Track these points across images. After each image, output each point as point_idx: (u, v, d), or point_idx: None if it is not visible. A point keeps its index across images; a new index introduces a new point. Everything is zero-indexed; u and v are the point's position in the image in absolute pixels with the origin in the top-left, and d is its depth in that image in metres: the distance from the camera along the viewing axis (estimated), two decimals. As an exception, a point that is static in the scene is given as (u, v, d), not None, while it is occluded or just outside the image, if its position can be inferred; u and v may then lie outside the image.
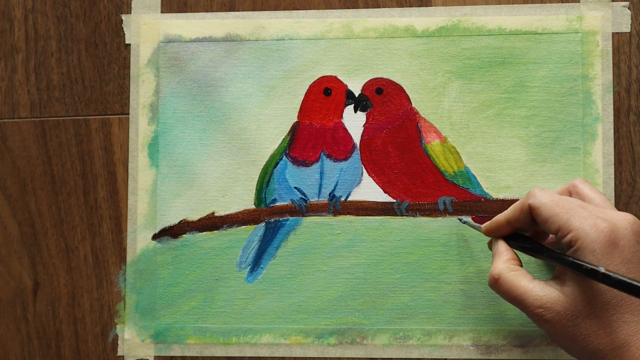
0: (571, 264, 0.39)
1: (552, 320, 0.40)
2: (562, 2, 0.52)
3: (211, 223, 0.53)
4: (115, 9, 0.55)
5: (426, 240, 0.51)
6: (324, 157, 0.52)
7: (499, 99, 0.52)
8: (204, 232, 0.53)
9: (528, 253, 0.44)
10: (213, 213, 0.53)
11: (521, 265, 0.44)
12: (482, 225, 0.47)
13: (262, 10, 0.54)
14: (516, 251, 0.45)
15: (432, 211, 0.51)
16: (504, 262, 0.43)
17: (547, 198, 0.42)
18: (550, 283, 0.41)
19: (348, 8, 0.53)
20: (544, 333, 0.50)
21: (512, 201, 0.51)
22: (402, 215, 0.52)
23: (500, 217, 0.45)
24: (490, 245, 0.47)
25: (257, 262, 0.52)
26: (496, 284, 0.43)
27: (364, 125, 0.53)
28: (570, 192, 0.45)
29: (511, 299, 0.42)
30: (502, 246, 0.45)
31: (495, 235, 0.46)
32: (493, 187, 0.51)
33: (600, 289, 0.39)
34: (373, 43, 0.53)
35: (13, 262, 0.54)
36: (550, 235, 0.47)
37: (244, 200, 0.53)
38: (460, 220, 0.51)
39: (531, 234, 0.46)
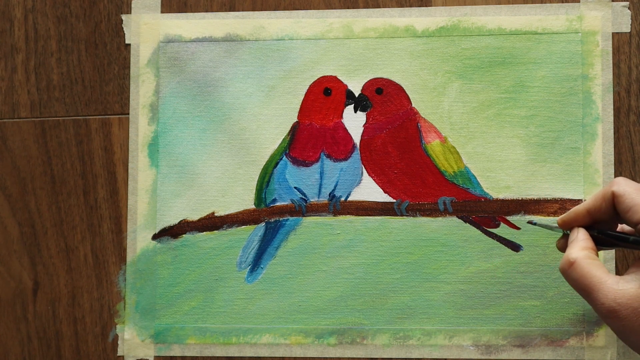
0: None
1: (627, 317, 0.38)
2: (562, 2, 0.52)
3: (211, 223, 0.53)
4: (115, 9, 0.55)
5: (426, 240, 0.51)
6: (324, 157, 0.52)
7: (499, 99, 0.52)
8: (204, 232, 0.53)
9: (611, 241, 0.42)
10: (213, 213, 0.53)
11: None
12: (559, 217, 0.45)
13: (262, 10, 0.54)
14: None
15: (432, 211, 0.51)
16: (582, 248, 0.41)
17: (632, 187, 0.40)
18: (627, 278, 0.39)
19: (348, 8, 0.53)
20: (544, 333, 0.50)
21: (512, 201, 0.51)
22: (402, 215, 0.52)
23: (580, 206, 0.43)
24: (559, 244, 0.45)
25: (257, 262, 0.52)
26: (569, 269, 0.41)
27: (364, 125, 0.53)
28: None
29: (582, 287, 0.40)
30: (582, 234, 0.43)
31: (572, 226, 0.44)
32: (493, 187, 0.51)
33: None
34: (373, 43, 0.53)
35: (13, 262, 0.54)
36: (622, 227, 0.45)
37: (244, 200, 0.53)
38: (532, 222, 0.47)
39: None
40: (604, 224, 0.44)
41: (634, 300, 0.38)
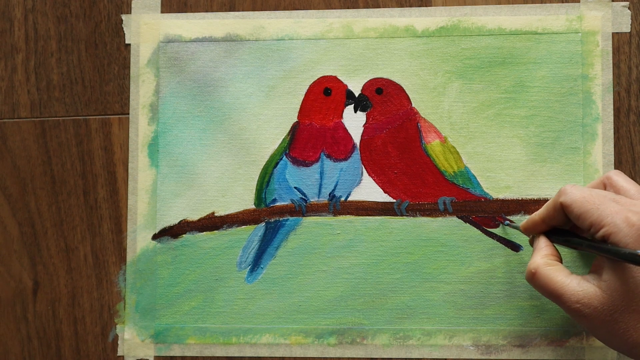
0: (610, 251, 0.39)
1: (590, 315, 0.40)
2: (562, 2, 0.52)
3: (211, 223, 0.53)
4: (115, 9, 0.55)
5: (426, 240, 0.51)
6: (324, 157, 0.52)
7: (499, 99, 0.52)
8: (204, 232, 0.53)
9: (568, 246, 0.44)
10: (213, 213, 0.53)
11: (561, 261, 0.44)
12: (520, 224, 0.47)
13: (262, 10, 0.54)
14: (558, 247, 0.45)
15: (432, 211, 0.51)
16: (542, 256, 0.43)
17: (578, 195, 0.41)
18: (587, 278, 0.41)
19: (348, 8, 0.53)
20: (544, 333, 0.50)
21: (512, 201, 0.51)
22: (402, 215, 0.52)
23: (535, 216, 0.45)
24: (531, 242, 0.46)
25: (257, 262, 0.52)
26: (533, 278, 0.43)
27: (364, 125, 0.53)
28: (605, 185, 0.44)
29: (547, 293, 0.42)
30: (542, 241, 0.45)
31: (533, 233, 0.46)
32: (493, 187, 0.51)
33: (639, 281, 0.38)
34: (373, 43, 0.53)
35: (13, 262, 0.54)
36: None
37: (244, 200, 0.53)
38: (503, 223, 0.51)
39: (570, 228, 0.46)
40: (573, 227, 0.45)
41: (593, 299, 0.40)
